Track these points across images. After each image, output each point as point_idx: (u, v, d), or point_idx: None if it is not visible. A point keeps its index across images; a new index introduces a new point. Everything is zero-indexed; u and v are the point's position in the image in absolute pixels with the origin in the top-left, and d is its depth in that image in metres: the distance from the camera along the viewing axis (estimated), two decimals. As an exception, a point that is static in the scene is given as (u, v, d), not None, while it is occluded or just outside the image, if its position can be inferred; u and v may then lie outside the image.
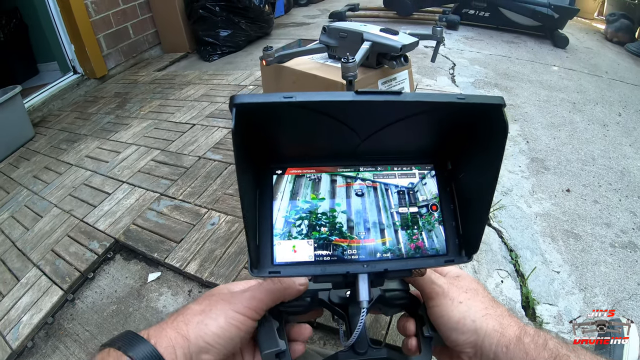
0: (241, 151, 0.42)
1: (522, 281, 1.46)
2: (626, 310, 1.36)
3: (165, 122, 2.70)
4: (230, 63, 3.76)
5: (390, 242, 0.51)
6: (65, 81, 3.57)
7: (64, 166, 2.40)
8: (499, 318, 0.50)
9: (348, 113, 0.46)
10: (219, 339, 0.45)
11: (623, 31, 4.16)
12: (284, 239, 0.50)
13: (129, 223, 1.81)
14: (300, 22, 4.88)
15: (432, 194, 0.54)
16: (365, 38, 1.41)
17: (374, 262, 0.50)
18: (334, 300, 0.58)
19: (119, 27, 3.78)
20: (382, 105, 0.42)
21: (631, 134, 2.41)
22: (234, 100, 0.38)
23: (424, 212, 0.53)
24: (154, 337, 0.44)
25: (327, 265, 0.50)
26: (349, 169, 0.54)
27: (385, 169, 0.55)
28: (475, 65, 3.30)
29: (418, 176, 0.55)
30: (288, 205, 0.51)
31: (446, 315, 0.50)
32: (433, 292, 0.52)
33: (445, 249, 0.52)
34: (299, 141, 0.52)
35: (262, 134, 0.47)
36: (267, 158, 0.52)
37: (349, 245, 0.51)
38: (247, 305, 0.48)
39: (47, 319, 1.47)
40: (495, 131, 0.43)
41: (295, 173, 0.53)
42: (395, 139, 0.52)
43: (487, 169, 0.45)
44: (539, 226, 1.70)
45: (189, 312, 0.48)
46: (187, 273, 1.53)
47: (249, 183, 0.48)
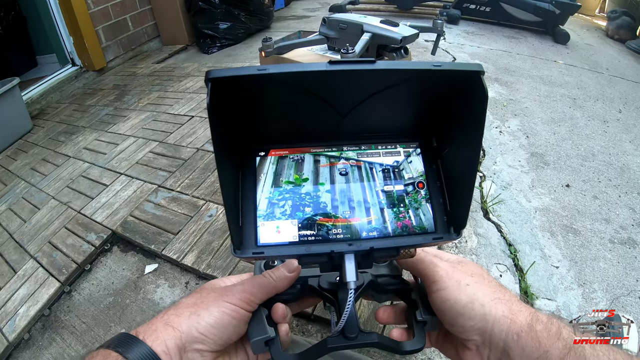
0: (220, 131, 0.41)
1: (520, 275, 1.45)
2: (625, 307, 1.36)
3: (164, 114, 2.69)
4: (230, 56, 3.76)
5: (377, 220, 0.50)
6: (63, 73, 3.56)
7: (62, 158, 2.39)
8: (508, 303, 0.46)
9: (323, 86, 0.45)
10: (212, 329, 0.45)
11: (624, 28, 4.15)
12: (267, 220, 0.49)
13: (126, 215, 1.80)
14: (300, 15, 4.87)
15: (418, 171, 0.53)
16: (366, 29, 1.39)
17: (360, 241, 0.49)
18: (324, 286, 0.56)
19: (118, 19, 3.76)
20: (356, 75, 0.41)
21: (631, 131, 2.41)
22: (209, 75, 0.37)
23: (410, 190, 0.52)
24: (143, 333, 0.44)
25: (312, 245, 0.49)
26: (333, 148, 0.53)
27: (370, 147, 0.54)
28: (475, 59, 3.29)
29: (403, 154, 0.54)
30: (271, 186, 0.51)
31: (452, 299, 0.47)
32: (437, 275, 0.49)
33: (434, 227, 0.51)
34: (280, 121, 0.51)
35: (243, 113, 0.47)
36: (250, 140, 0.52)
37: (334, 225, 0.50)
38: (240, 298, 0.48)
39: (43, 311, 1.47)
40: (475, 100, 0.41)
41: (278, 154, 0.52)
42: (377, 115, 0.51)
43: (470, 140, 0.44)
44: (538, 221, 1.70)
45: (181, 305, 0.48)
46: (184, 265, 1.53)
47: (230, 165, 0.48)
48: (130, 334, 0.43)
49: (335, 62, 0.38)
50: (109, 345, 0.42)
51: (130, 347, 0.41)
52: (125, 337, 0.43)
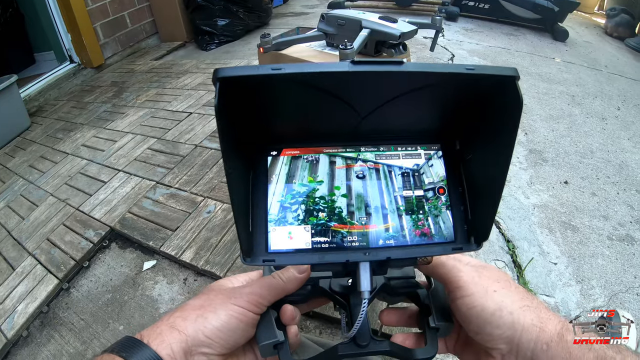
0: (228, 131, 0.39)
1: (519, 272, 1.46)
2: (623, 303, 1.37)
3: (162, 111, 2.69)
4: (228, 52, 3.75)
5: (394, 228, 0.47)
6: (61, 70, 3.55)
7: (60, 155, 2.38)
8: (536, 310, 0.43)
9: (344, 87, 0.42)
10: (219, 332, 0.44)
11: (623, 26, 4.15)
12: (279, 225, 0.47)
13: (124, 211, 1.80)
14: (299, 11, 4.86)
15: (439, 176, 0.50)
16: (364, 25, 1.39)
17: (376, 250, 0.47)
18: (335, 289, 0.54)
19: (116, 16, 3.75)
20: (381, 76, 0.38)
21: (630, 128, 2.41)
22: (218, 74, 0.34)
23: (430, 196, 0.49)
24: (148, 337, 0.43)
25: (326, 253, 0.46)
26: (350, 149, 0.50)
27: (389, 149, 0.51)
28: (474, 56, 3.29)
29: (424, 157, 0.50)
30: (284, 189, 0.48)
31: (479, 306, 0.44)
32: (461, 281, 0.46)
33: (453, 236, 0.48)
34: (294, 119, 0.49)
35: (253, 113, 0.44)
36: (261, 138, 0.49)
37: (349, 232, 0.47)
38: (248, 300, 0.46)
39: (42, 307, 1.47)
40: (508, 106, 0.38)
41: (291, 154, 0.49)
42: (399, 117, 0.48)
43: (500, 148, 0.41)
44: (536, 217, 1.70)
45: (188, 307, 0.46)
46: (182, 261, 1.53)
47: (240, 166, 0.45)
48: (134, 338, 0.43)
49: (358, 63, 0.35)
50: (113, 349, 0.41)
51: (135, 352, 0.41)
52: (129, 341, 0.42)
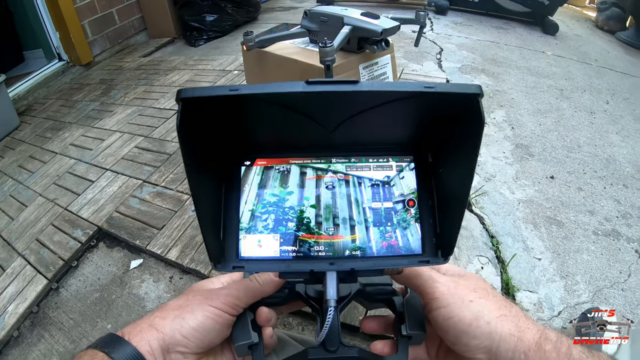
0: (192, 148, 0.40)
1: (502, 268, 1.46)
2: (607, 299, 1.37)
3: (150, 109, 2.68)
4: (217, 48, 3.74)
5: (361, 239, 0.49)
6: (50, 69, 3.53)
7: (49, 155, 2.38)
8: (514, 319, 0.44)
9: (304, 104, 0.43)
10: (195, 332, 0.46)
11: (614, 19, 4.15)
12: (249, 233, 0.49)
13: (112, 211, 1.80)
14: (288, 6, 4.84)
15: (410, 188, 0.51)
16: (346, 22, 1.39)
17: (342, 260, 0.48)
18: (310, 294, 0.55)
19: (104, 12, 3.73)
20: (338, 95, 0.39)
21: (618, 122, 2.42)
22: (180, 95, 0.36)
23: (399, 208, 0.50)
24: (129, 334, 0.44)
25: (292, 262, 0.48)
26: (321, 159, 0.52)
27: (360, 160, 0.52)
28: (462, 50, 3.29)
29: (395, 169, 0.52)
30: (255, 198, 0.50)
31: (456, 317, 0.44)
32: (437, 292, 0.46)
33: (421, 249, 0.49)
34: (265, 131, 0.50)
35: (224, 126, 0.46)
36: (235, 148, 0.50)
37: (316, 242, 0.49)
38: (224, 302, 0.48)
39: (32, 308, 1.48)
40: (470, 123, 0.39)
41: (263, 164, 0.51)
42: (370, 129, 0.49)
43: (464, 163, 0.42)
44: (521, 213, 1.71)
45: (167, 307, 0.48)
46: (168, 259, 1.54)
47: (210, 177, 0.47)
48: (116, 335, 0.44)
49: (312, 83, 0.36)
50: (96, 345, 0.43)
51: (116, 348, 0.42)
52: (111, 338, 0.44)
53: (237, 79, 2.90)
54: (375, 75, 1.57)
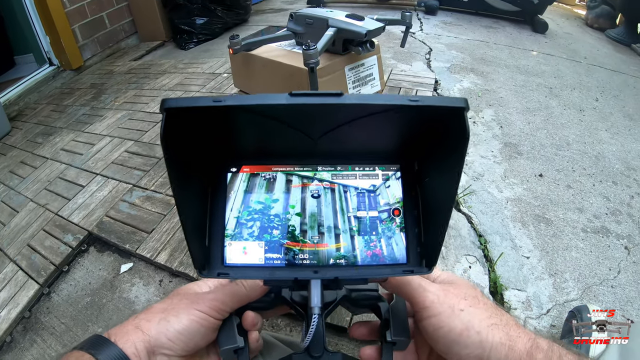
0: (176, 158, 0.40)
1: (490, 266, 1.47)
2: (597, 296, 1.38)
3: (140, 113, 2.68)
4: (207, 51, 3.74)
5: (345, 248, 0.49)
6: (41, 73, 3.51)
7: (40, 160, 2.37)
8: (505, 328, 0.44)
9: (289, 115, 0.44)
10: (180, 336, 0.46)
11: (604, 17, 4.18)
12: (235, 239, 0.49)
13: (102, 215, 1.80)
14: (278, 8, 4.84)
15: (396, 197, 0.51)
16: (331, 24, 1.40)
17: (326, 269, 0.49)
18: (296, 300, 0.55)
19: (95, 16, 3.71)
20: (321, 107, 0.40)
21: (607, 119, 2.44)
22: (163, 105, 0.36)
23: (384, 217, 0.50)
24: (115, 335, 0.45)
25: (277, 270, 0.49)
26: (307, 167, 0.52)
27: (346, 168, 0.52)
28: (452, 50, 3.30)
29: (381, 177, 0.52)
30: (241, 206, 0.50)
31: (446, 327, 0.44)
32: (427, 301, 0.46)
33: (406, 258, 0.49)
34: (250, 139, 0.50)
35: (209, 134, 0.46)
36: (221, 155, 0.51)
37: (301, 250, 0.49)
38: (210, 306, 0.48)
39: (24, 313, 1.48)
40: (455, 136, 0.39)
41: (249, 171, 0.51)
42: (356, 137, 0.49)
43: (448, 174, 0.42)
44: (509, 211, 1.71)
45: (153, 310, 0.49)
46: (157, 263, 1.54)
47: (195, 184, 0.47)
48: (102, 336, 0.45)
49: (296, 95, 0.36)
50: (82, 347, 0.44)
51: (102, 349, 0.43)
52: (97, 339, 0.44)
53: (226, 82, 2.90)
54: (362, 76, 1.57)
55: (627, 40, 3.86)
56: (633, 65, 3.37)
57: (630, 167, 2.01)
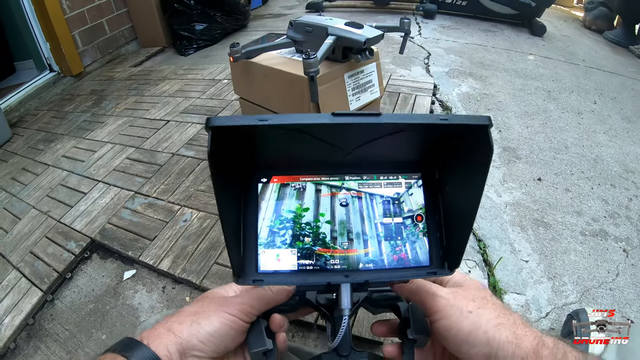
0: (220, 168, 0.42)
1: (489, 271, 1.47)
2: (595, 299, 1.38)
3: (140, 119, 2.69)
4: (206, 57, 3.75)
5: (373, 252, 0.52)
6: (41, 80, 3.52)
7: (41, 167, 2.37)
8: (512, 327, 0.45)
9: (327, 132, 0.46)
10: (211, 337, 0.47)
11: (602, 19, 4.18)
12: (268, 247, 0.51)
13: (104, 222, 1.81)
14: (277, 13, 4.85)
15: (418, 204, 0.53)
16: (330, 32, 1.41)
17: (356, 273, 0.51)
18: (321, 302, 0.59)
19: (94, 23, 3.72)
20: (361, 126, 0.42)
21: (606, 122, 2.44)
22: (210, 123, 0.37)
23: (408, 223, 0.53)
24: (147, 338, 0.46)
25: (310, 275, 0.51)
26: (335, 177, 0.54)
27: (371, 177, 0.54)
28: (450, 54, 3.31)
29: (404, 186, 0.54)
30: (272, 215, 0.52)
31: (455, 328, 0.46)
32: (438, 305, 0.48)
33: (428, 261, 0.52)
34: (282, 154, 0.52)
35: (244, 148, 0.48)
36: (252, 167, 0.52)
37: (332, 255, 0.51)
38: (239, 309, 0.49)
39: (28, 320, 1.48)
40: (480, 150, 0.41)
41: (280, 181, 0.53)
42: (382, 150, 0.51)
43: (472, 185, 0.44)
44: (508, 215, 1.72)
45: (183, 313, 0.50)
46: (160, 270, 1.55)
47: (231, 194, 0.49)
48: (134, 339, 0.46)
49: (339, 115, 0.39)
50: (115, 349, 0.45)
51: (135, 351, 0.44)
52: (130, 342, 0.45)
53: (226, 88, 2.91)
54: (361, 83, 1.59)
55: (625, 41, 3.87)
56: (631, 67, 3.37)
57: (628, 170, 2.01)
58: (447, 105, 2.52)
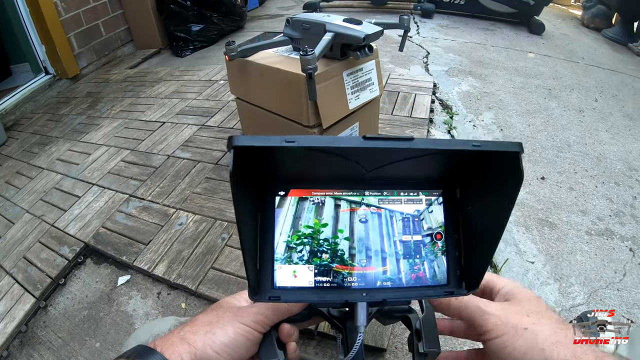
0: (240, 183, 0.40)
1: (495, 273, 1.44)
2: (603, 300, 1.36)
3: (136, 121, 2.66)
4: (203, 58, 3.73)
5: (392, 270, 0.51)
6: (37, 82, 3.50)
7: (36, 170, 2.35)
8: (570, 345, 0.43)
9: (353, 152, 0.45)
10: (226, 348, 0.47)
11: (600, 17, 4.19)
12: (285, 263, 0.50)
13: (98, 226, 1.78)
14: (274, 14, 4.83)
15: (438, 222, 0.53)
16: (328, 29, 1.38)
17: (373, 291, 0.50)
18: (333, 313, 0.58)
19: (90, 25, 3.71)
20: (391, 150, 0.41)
21: (607, 120, 2.42)
22: (232, 143, 0.36)
23: (427, 241, 0.52)
24: (160, 346, 0.45)
25: (327, 292, 0.50)
26: (355, 192, 0.53)
27: (392, 193, 0.53)
28: (449, 53, 3.29)
29: (425, 202, 0.53)
30: (290, 230, 0.51)
31: (510, 347, 0.44)
32: (489, 324, 0.46)
33: (446, 280, 0.51)
34: (302, 169, 0.52)
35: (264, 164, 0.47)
36: (270, 180, 0.51)
37: (350, 273, 0.50)
38: (254, 320, 0.49)
39: (20, 327, 1.45)
40: (508, 176, 0.41)
41: (298, 194, 0.52)
42: (404, 169, 0.51)
43: (497, 209, 0.43)
44: (512, 216, 1.68)
45: (197, 322, 0.50)
46: (155, 275, 1.52)
47: (250, 209, 0.48)
48: (148, 347, 0.45)
49: (370, 139, 0.38)
50: (128, 356, 0.44)
51: (149, 358, 0.44)
52: (143, 349, 0.45)
53: (222, 89, 2.89)
54: (360, 81, 1.55)
55: (623, 39, 3.86)
56: (630, 65, 3.37)
57: (632, 168, 1.99)
58: (447, 104, 2.49)
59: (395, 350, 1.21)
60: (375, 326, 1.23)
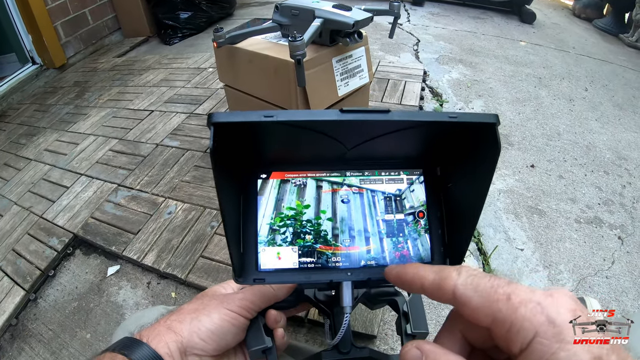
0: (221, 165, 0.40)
1: (484, 260, 1.45)
2: (592, 287, 1.37)
3: (124, 110, 2.64)
4: (192, 46, 3.70)
5: (375, 249, 0.51)
6: (23, 73, 3.44)
7: (23, 162, 2.32)
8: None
9: (332, 127, 0.44)
10: (212, 335, 0.47)
11: (591, 7, 4.20)
12: (268, 245, 0.50)
13: (87, 217, 1.76)
14: (264, 1, 4.77)
15: (420, 200, 0.53)
16: (317, 15, 1.36)
17: (358, 270, 0.50)
18: (320, 298, 0.59)
19: (77, 13, 3.65)
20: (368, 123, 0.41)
21: (597, 109, 2.44)
22: (212, 119, 0.36)
23: (410, 220, 0.52)
24: (146, 336, 0.45)
25: (311, 273, 0.50)
26: (336, 173, 0.53)
27: (373, 173, 0.54)
28: (440, 41, 3.29)
29: (406, 182, 0.54)
30: (272, 212, 0.51)
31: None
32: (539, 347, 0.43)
33: (430, 258, 0.51)
34: (283, 148, 0.51)
35: (245, 143, 0.46)
36: (251, 162, 0.51)
37: (334, 253, 0.51)
38: (240, 305, 0.50)
39: (11, 320, 1.44)
40: (486, 148, 0.41)
41: (279, 177, 0.52)
42: (384, 147, 0.51)
43: (477, 183, 0.44)
44: (502, 203, 1.70)
45: (183, 311, 0.50)
46: (144, 265, 1.51)
47: (232, 192, 0.48)
48: (134, 338, 0.46)
49: (347, 111, 0.38)
50: (114, 348, 0.44)
51: (135, 349, 0.43)
52: (129, 341, 0.45)
53: (211, 76, 2.87)
54: (350, 68, 1.54)
55: (614, 30, 3.87)
56: (621, 55, 3.38)
57: (621, 157, 2.00)
58: (437, 91, 2.49)
59: (385, 337, 1.22)
60: (366, 313, 1.24)
